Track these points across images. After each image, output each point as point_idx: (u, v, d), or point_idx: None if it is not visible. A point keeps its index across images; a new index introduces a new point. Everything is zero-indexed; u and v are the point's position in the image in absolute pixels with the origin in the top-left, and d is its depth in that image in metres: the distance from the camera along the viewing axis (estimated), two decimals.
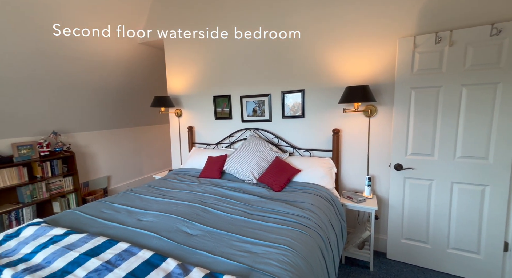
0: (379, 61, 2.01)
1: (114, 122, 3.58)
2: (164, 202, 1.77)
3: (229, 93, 2.78)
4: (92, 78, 2.92)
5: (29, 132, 2.68)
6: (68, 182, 2.91)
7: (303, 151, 2.37)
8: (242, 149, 2.39)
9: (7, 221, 2.37)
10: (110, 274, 0.99)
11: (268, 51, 2.46)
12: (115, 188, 3.68)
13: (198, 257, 1.14)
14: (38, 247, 1.19)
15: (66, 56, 2.55)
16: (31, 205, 2.53)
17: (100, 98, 3.17)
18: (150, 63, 3.51)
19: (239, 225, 1.42)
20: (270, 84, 2.50)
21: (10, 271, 1.01)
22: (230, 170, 2.34)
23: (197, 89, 2.97)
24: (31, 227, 1.36)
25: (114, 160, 3.66)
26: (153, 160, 4.39)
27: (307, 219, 1.45)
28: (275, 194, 1.88)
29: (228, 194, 1.91)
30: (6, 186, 2.36)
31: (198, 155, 2.75)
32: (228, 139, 2.82)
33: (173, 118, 3.19)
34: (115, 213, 1.64)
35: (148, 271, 1.01)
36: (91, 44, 2.68)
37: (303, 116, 2.37)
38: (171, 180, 2.31)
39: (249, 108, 2.68)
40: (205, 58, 2.84)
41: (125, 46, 3.02)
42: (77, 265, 1.05)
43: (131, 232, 1.37)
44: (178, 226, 1.41)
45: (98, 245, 1.19)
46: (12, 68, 2.24)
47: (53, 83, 2.61)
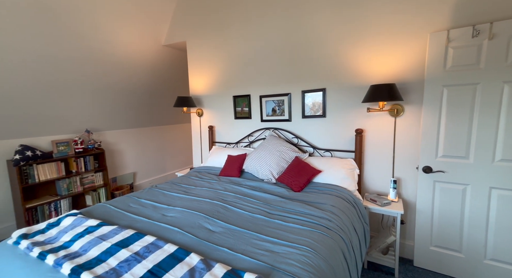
0: (407, 58, 1.90)
1: (140, 121, 3.78)
2: (186, 199, 1.84)
3: (249, 93, 2.80)
4: (120, 80, 3.10)
5: (66, 130, 2.92)
6: (98, 177, 3.12)
7: (324, 151, 2.32)
8: (261, 148, 2.40)
9: (47, 211, 2.60)
10: (139, 265, 1.05)
11: (288, 50, 2.44)
12: (140, 184, 3.88)
13: (219, 253, 1.16)
14: (76, 236, 1.30)
15: (97, 60, 2.73)
16: (67, 197, 2.75)
17: (127, 99, 3.36)
18: (173, 64, 3.65)
19: (259, 224, 1.43)
20: (290, 84, 2.48)
21: (53, 257, 1.11)
22: (249, 169, 2.36)
23: (217, 89, 3.03)
24: (69, 218, 1.49)
25: (140, 157, 3.86)
26: (175, 158, 4.56)
27: (328, 220, 1.42)
28: (295, 194, 1.86)
29: (247, 193, 1.93)
30: (47, 179, 2.59)
31: (218, 154, 2.81)
32: (247, 138, 2.84)
33: (194, 118, 3.29)
34: (142, 207, 1.73)
35: (173, 264, 1.05)
36: (120, 48, 2.85)
37: (324, 116, 2.32)
38: (192, 178, 2.39)
39: (269, 108, 2.68)
40: (226, 58, 2.89)
41: (150, 49, 3.16)
42: (109, 254, 1.13)
43: (156, 226, 1.43)
44: (200, 222, 1.46)
45: (127, 237, 1.26)
46: (53, 73, 2.45)
47: (86, 86, 2.81)
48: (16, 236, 1.31)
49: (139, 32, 2.90)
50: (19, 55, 2.13)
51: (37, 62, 2.27)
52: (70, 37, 2.36)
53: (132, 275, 0.99)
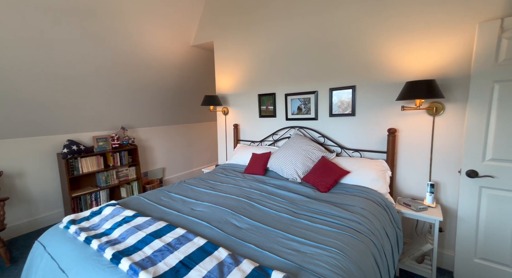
0: (449, 51, 1.74)
1: (169, 119, 3.97)
2: (213, 194, 1.89)
3: (274, 92, 2.79)
4: (151, 81, 3.28)
5: (104, 127, 3.17)
6: (132, 171, 3.35)
7: (353, 151, 2.23)
8: (286, 147, 2.37)
9: (89, 200, 2.86)
10: (171, 255, 1.11)
11: (315, 47, 2.38)
12: (169, 179, 4.09)
13: (246, 249, 1.18)
14: (115, 225, 1.41)
15: (131, 63, 2.91)
16: (105, 189, 3.00)
17: (158, 98, 3.55)
18: (201, 64, 3.77)
19: (285, 223, 1.42)
20: (317, 81, 2.42)
21: (97, 242, 1.22)
22: (274, 167, 2.35)
23: (243, 88, 3.06)
24: (109, 207, 1.62)
25: (169, 153, 4.07)
26: (201, 155, 4.72)
27: (358, 223, 1.36)
28: (321, 194, 1.82)
29: (272, 191, 1.93)
30: (88, 171, 2.85)
31: (242, 152, 2.84)
32: (271, 136, 2.84)
33: (220, 116, 3.37)
34: (172, 201, 1.82)
35: (203, 257, 1.09)
36: (152, 50, 3.00)
37: (353, 115, 2.22)
38: (218, 174, 2.45)
39: (294, 106, 2.65)
40: (251, 57, 2.91)
41: (179, 50, 3.30)
42: (144, 243, 1.21)
43: (186, 220, 1.50)
44: (227, 218, 1.49)
45: (160, 228, 1.34)
46: (92, 75, 2.67)
47: (121, 86, 3.02)
48: (66, 221, 1.47)
49: (170, 34, 3.04)
50: (64, 60, 2.36)
51: (80, 66, 2.49)
52: (107, 41, 2.55)
53: (166, 264, 1.05)
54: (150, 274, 0.97)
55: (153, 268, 1.03)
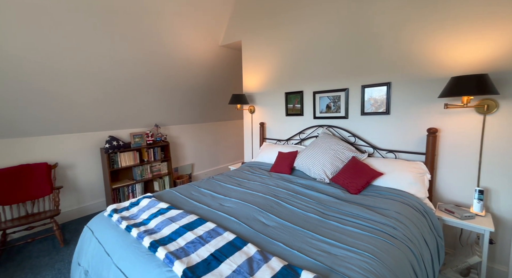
0: (506, 42, 1.54)
1: (198, 117, 4.13)
2: (241, 191, 1.93)
3: (302, 89, 2.74)
4: (182, 80, 3.43)
5: (140, 124, 3.41)
6: (164, 166, 3.56)
7: (386, 152, 2.10)
8: (314, 146, 2.32)
9: (126, 192, 3.11)
10: (203, 248, 1.16)
11: (347, 43, 2.28)
12: (197, 175, 4.27)
13: (275, 247, 1.18)
14: (151, 216, 1.51)
15: (164, 63, 3.06)
16: (140, 182, 3.24)
17: (188, 97, 3.71)
18: (228, 64, 3.84)
19: (313, 223, 1.39)
20: (348, 78, 2.32)
21: (136, 230, 1.33)
22: (301, 167, 2.32)
23: (269, 86, 3.06)
24: (145, 199, 1.74)
25: (197, 150, 4.24)
26: (228, 152, 4.84)
27: (393, 228, 1.28)
28: (351, 196, 1.75)
29: (299, 191, 1.90)
30: (126, 165, 3.09)
31: (268, 150, 2.85)
32: (298, 135, 2.79)
33: (246, 115, 3.41)
34: (202, 196, 1.90)
35: (233, 251, 1.12)
36: (183, 51, 3.13)
37: (387, 113, 2.09)
38: (245, 172, 2.49)
39: (323, 104, 2.57)
40: (279, 55, 2.89)
41: (209, 50, 3.40)
42: (178, 235, 1.28)
43: (215, 214, 1.55)
44: (254, 215, 1.51)
45: (192, 221, 1.41)
46: (129, 76, 2.86)
47: (155, 86, 3.20)
48: (109, 210, 1.61)
49: (200, 35, 3.15)
50: (106, 63, 2.57)
51: (119, 68, 2.70)
52: (143, 43, 2.70)
53: (198, 256, 1.10)
54: (184, 264, 1.03)
55: (187, 258, 1.09)
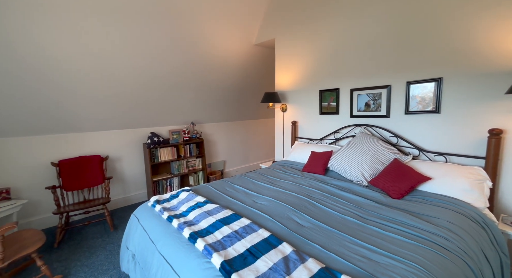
0: None
1: (230, 116, 4.24)
2: (273, 189, 1.93)
3: (338, 87, 2.62)
4: (217, 79, 3.54)
5: (178, 122, 3.62)
6: (198, 162, 3.73)
7: (435, 154, 1.90)
8: (351, 146, 2.21)
9: (165, 185, 3.35)
10: (239, 243, 1.19)
11: (390, 36, 2.11)
12: (229, 171, 4.39)
13: (310, 248, 1.16)
14: (190, 208, 1.60)
15: (200, 63, 3.18)
16: (177, 176, 3.45)
17: (221, 96, 3.82)
18: (261, 62, 3.86)
19: (351, 227, 1.33)
20: (391, 74, 2.15)
21: (177, 221, 1.41)
22: (336, 167, 2.23)
23: (303, 84, 2.99)
24: (184, 192, 1.85)
25: (229, 147, 4.36)
26: (258, 150, 4.88)
27: (445, 239, 1.16)
28: (393, 201, 1.62)
29: (334, 192, 1.83)
30: (165, 160, 3.32)
31: (300, 149, 2.79)
32: (333, 134, 2.69)
33: (278, 113, 3.39)
34: (235, 192, 1.95)
35: (268, 249, 1.13)
36: (218, 51, 3.22)
37: (437, 112, 1.89)
38: (276, 170, 2.48)
39: (361, 102, 2.43)
40: (314, 52, 2.80)
41: (243, 49, 3.45)
42: (215, 228, 1.33)
43: (249, 211, 1.58)
44: (288, 214, 1.50)
45: (227, 216, 1.45)
46: (168, 74, 3.04)
47: (191, 85, 3.36)
48: (153, 200, 1.75)
49: (235, 35, 3.21)
50: (147, 63, 2.76)
51: (159, 68, 2.88)
52: (180, 43, 2.82)
53: (234, 250, 1.13)
54: (221, 257, 1.06)
55: (224, 251, 1.12)
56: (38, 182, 2.53)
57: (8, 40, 1.88)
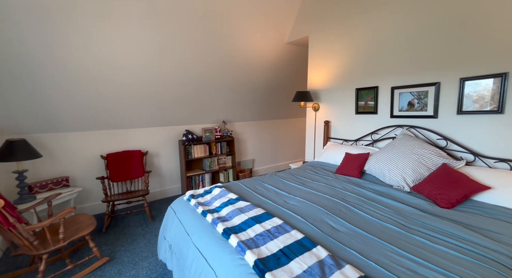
0: None
1: (260, 115, 4.26)
2: (304, 191, 1.88)
3: (376, 85, 2.46)
4: (248, 79, 3.57)
5: (210, 120, 3.75)
6: (228, 160, 3.82)
7: (495, 161, 1.67)
8: (391, 148, 2.05)
9: (197, 181, 3.50)
10: (272, 242, 1.18)
11: (438, 29, 1.90)
12: (257, 170, 4.42)
13: (347, 254, 1.10)
14: (222, 204, 1.64)
15: (232, 63, 3.23)
16: (209, 172, 3.58)
17: (252, 95, 3.85)
18: (293, 60, 3.79)
19: (392, 235, 1.23)
20: (440, 70, 1.94)
21: (211, 216, 1.46)
22: (373, 170, 2.09)
23: (337, 82, 2.87)
24: (217, 188, 1.91)
25: (258, 146, 4.39)
26: (287, 150, 4.83)
27: (511, 259, 1.01)
28: (442, 210, 1.46)
29: (372, 197, 1.72)
30: (198, 157, 3.47)
31: (333, 150, 2.68)
32: (370, 136, 2.53)
33: (310, 112, 3.30)
34: (266, 191, 1.95)
35: (301, 251, 1.10)
36: (250, 51, 3.23)
37: (499, 112, 1.66)
38: (307, 171, 2.42)
39: (403, 101, 2.24)
40: (350, 48, 2.66)
41: (274, 48, 3.42)
42: (247, 225, 1.34)
43: (280, 211, 1.56)
44: (322, 217, 1.45)
45: (259, 214, 1.46)
46: (202, 74, 3.15)
47: (223, 84, 3.43)
48: (188, 194, 1.84)
49: (267, 34, 3.20)
50: (185, 64, 2.91)
51: (194, 68, 3.00)
52: (214, 45, 2.90)
53: (267, 249, 1.13)
54: (255, 255, 1.07)
55: (257, 250, 1.13)
56: (90, 172, 2.84)
57: (69, 47, 2.13)
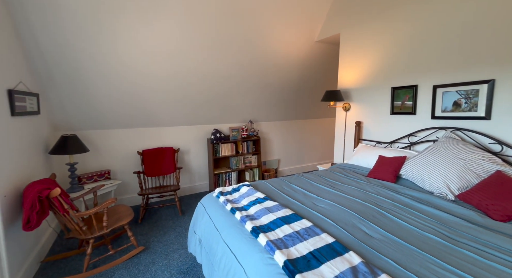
0: None
1: (287, 114, 4.22)
2: (334, 193, 1.82)
3: (415, 83, 2.28)
4: (275, 78, 3.56)
5: (237, 119, 3.82)
6: (254, 159, 3.85)
7: None
8: (432, 152, 1.89)
9: (224, 178, 3.59)
10: (301, 244, 1.16)
11: (495, 16, 1.69)
12: (283, 170, 4.39)
13: (383, 263, 1.04)
14: (250, 203, 1.66)
15: (261, 63, 3.25)
16: (235, 171, 3.64)
17: (279, 95, 3.83)
18: (323, 59, 3.69)
19: (434, 246, 1.13)
20: (495, 66, 1.73)
21: (239, 214, 1.49)
22: (410, 175, 1.95)
23: (371, 81, 2.72)
24: (245, 187, 1.93)
25: (284, 146, 4.36)
26: (314, 151, 4.72)
27: None
28: (495, 223, 1.30)
29: (409, 203, 1.60)
30: (225, 155, 3.55)
31: (365, 152, 2.55)
32: (407, 138, 2.35)
33: (339, 112, 3.18)
34: (293, 192, 1.92)
35: (333, 256, 1.06)
36: (278, 50, 3.21)
37: None
38: (337, 173, 2.34)
39: (447, 101, 2.05)
40: (386, 45, 2.51)
41: (303, 47, 3.36)
42: (276, 225, 1.34)
43: (309, 213, 1.53)
44: (354, 222, 1.39)
45: (287, 215, 1.44)
46: (234, 74, 3.21)
47: (251, 85, 3.47)
48: (217, 191, 1.89)
49: (296, 33, 3.15)
50: (210, 63, 2.97)
51: (223, 68, 3.07)
52: (243, 43, 2.92)
53: (297, 251, 1.11)
54: (284, 256, 1.06)
55: (286, 250, 1.12)
56: (128, 166, 3.08)
57: (116, 52, 2.34)
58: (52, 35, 2.03)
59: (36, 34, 1.98)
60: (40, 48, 2.07)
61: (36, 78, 2.21)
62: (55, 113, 2.53)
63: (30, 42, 2.00)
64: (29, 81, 2.06)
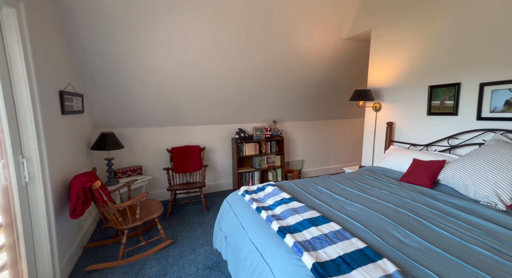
0: None
1: (312, 114, 4.13)
2: (364, 197, 1.74)
3: (458, 81, 2.09)
4: (301, 77, 3.49)
5: (261, 119, 3.83)
6: (277, 159, 3.83)
7: None
8: (477, 157, 1.71)
9: (247, 177, 3.62)
10: (330, 247, 1.13)
11: None
12: (306, 171, 4.31)
13: (421, 274, 0.97)
14: (276, 203, 1.65)
15: (286, 62, 3.19)
16: (258, 170, 3.66)
17: (304, 94, 3.76)
18: (352, 57, 3.54)
19: (483, 261, 1.03)
20: None
21: (265, 213, 1.49)
22: (450, 181, 1.79)
23: (404, 79, 2.55)
24: (270, 187, 1.93)
25: (308, 147, 4.27)
26: (340, 153, 4.56)
27: None
28: None
29: (450, 212, 1.47)
30: (249, 154, 3.59)
31: (398, 155, 2.40)
32: (447, 140, 2.17)
33: (369, 113, 3.03)
34: (319, 193, 1.87)
35: (365, 262, 1.01)
36: (304, 47, 3.12)
37: None
38: (366, 177, 2.23)
39: (497, 100, 1.85)
40: (423, 40, 2.33)
41: (330, 45, 3.25)
42: (303, 227, 1.31)
43: (337, 216, 1.48)
44: (386, 228, 1.31)
45: (315, 217, 1.41)
46: (258, 74, 3.21)
47: (276, 84, 3.44)
48: (243, 190, 1.92)
49: (324, 31, 3.06)
50: (236, 63, 3.00)
51: (248, 68, 3.08)
52: (270, 44, 2.91)
53: (325, 254, 1.08)
54: (313, 258, 1.04)
55: (314, 253, 1.09)
56: (158, 163, 3.25)
57: (152, 57, 2.49)
58: (97, 43, 2.23)
59: (84, 42, 2.19)
60: (86, 54, 2.27)
61: (81, 80, 2.44)
62: (95, 112, 2.76)
63: (78, 48, 2.21)
64: (75, 83, 2.28)
